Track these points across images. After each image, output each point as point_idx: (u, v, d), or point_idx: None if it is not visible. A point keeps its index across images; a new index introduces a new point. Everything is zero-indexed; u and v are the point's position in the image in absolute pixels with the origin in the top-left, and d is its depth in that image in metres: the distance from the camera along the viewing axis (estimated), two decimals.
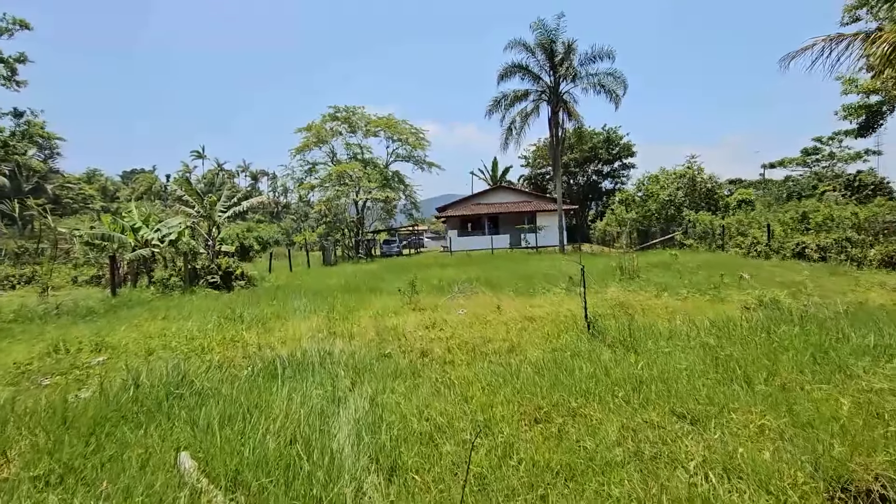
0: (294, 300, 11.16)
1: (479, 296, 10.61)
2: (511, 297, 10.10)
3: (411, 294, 9.95)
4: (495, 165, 55.80)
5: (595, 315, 6.79)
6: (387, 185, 34.04)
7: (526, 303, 9.18)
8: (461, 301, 9.95)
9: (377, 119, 35.04)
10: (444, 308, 9.25)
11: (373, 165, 35.46)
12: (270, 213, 77.62)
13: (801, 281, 10.35)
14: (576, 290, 10.22)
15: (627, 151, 48.51)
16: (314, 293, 12.91)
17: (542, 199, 36.18)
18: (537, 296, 10.30)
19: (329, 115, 34.96)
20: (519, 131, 28.74)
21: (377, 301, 10.58)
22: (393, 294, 11.87)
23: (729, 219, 23.41)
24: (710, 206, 28.37)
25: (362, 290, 12.72)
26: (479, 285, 12.01)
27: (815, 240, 16.67)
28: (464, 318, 7.88)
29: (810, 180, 41.87)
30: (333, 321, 8.36)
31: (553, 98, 27.48)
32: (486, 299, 10.05)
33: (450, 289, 12.35)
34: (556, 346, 5.69)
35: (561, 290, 10.71)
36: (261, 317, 8.85)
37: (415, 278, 11.46)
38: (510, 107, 28.48)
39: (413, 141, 35.77)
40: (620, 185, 48.48)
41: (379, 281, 15.15)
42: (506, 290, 11.46)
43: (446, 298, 10.39)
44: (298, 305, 10.03)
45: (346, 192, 31.53)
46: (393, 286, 13.46)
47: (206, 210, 16.67)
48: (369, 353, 5.75)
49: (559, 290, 10.57)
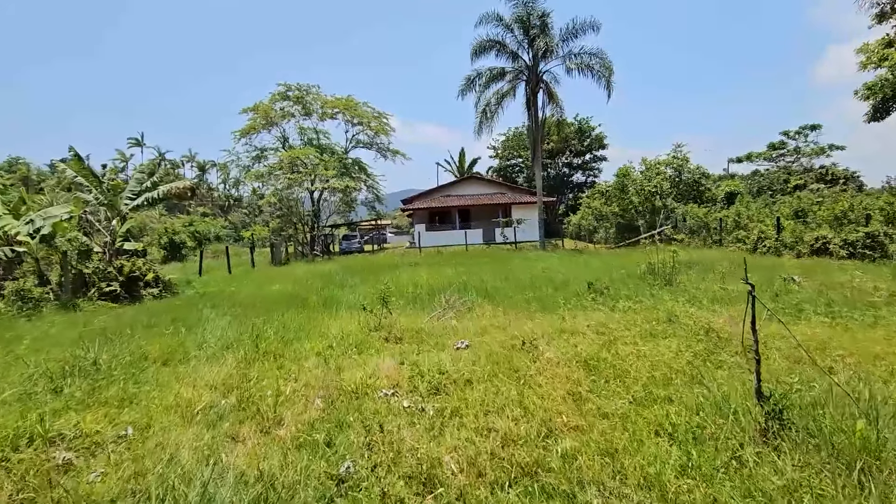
0: (210, 322, 7.77)
1: (477, 312, 7.61)
2: (525, 315, 7.15)
3: (381, 313, 6.80)
4: (462, 156, 53.01)
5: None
6: (346, 173, 30.42)
7: (556, 325, 6.24)
8: (455, 323, 6.91)
9: (334, 100, 31.24)
10: (431, 336, 6.18)
11: (330, 152, 31.69)
12: (220, 206, 71.68)
13: (881, 286, 7.98)
14: (616, 305, 7.40)
15: (599, 143, 46.88)
16: (246, 307, 9.53)
17: (517, 190, 33.60)
18: (558, 311, 7.42)
19: (279, 94, 30.86)
20: (493, 114, 25.92)
21: (332, 322, 7.37)
22: (355, 309, 8.69)
23: (726, 211, 21.50)
24: (696, 199, 26.62)
25: (313, 303, 9.45)
26: (470, 295, 9.00)
27: (840, 234, 14.72)
28: (471, 360, 4.85)
29: (780, 174, 41.48)
30: (254, 368, 5.13)
31: (532, 78, 24.78)
32: (489, 319, 7.06)
33: (431, 300, 9.29)
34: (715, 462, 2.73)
35: (588, 301, 7.86)
36: (131, 362, 5.47)
37: (385, 287, 8.30)
38: (485, 87, 25.57)
39: (376, 126, 32.23)
40: (592, 177, 46.81)
41: (336, 288, 11.87)
42: (508, 302, 8.52)
43: (431, 317, 7.32)
44: (210, 334, 6.68)
45: (299, 181, 27.69)
46: (355, 296, 10.26)
47: (108, 197, 12.79)
48: (304, 491, 2.59)
49: (588, 303, 7.72)
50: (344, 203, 31.40)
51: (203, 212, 59.67)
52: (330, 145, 33.11)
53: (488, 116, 25.84)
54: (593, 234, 34.80)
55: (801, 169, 41.91)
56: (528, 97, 25.09)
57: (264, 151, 31.82)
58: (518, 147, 46.11)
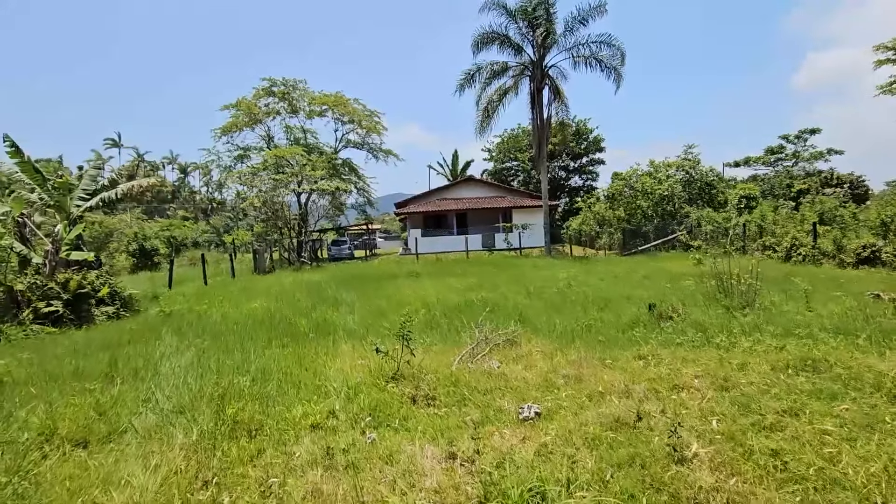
0: (166, 360, 5.81)
1: (523, 348, 5.78)
2: (589, 353, 5.32)
3: (401, 355, 4.89)
4: (455, 159, 51.26)
5: None
6: (335, 174, 28.45)
7: (645, 373, 4.43)
8: (500, 367, 5.07)
9: (323, 96, 29.26)
10: (474, 391, 4.34)
11: (318, 152, 29.67)
12: (203, 209, 68.86)
13: None
14: (710, 339, 5.60)
15: (597, 146, 45.55)
16: (218, 335, 7.56)
17: (517, 193, 31.93)
18: (630, 346, 5.62)
19: (264, 90, 28.79)
20: (494, 112, 24.23)
21: (330, 363, 5.48)
22: (355, 338, 6.80)
23: (747, 216, 20.06)
24: (708, 203, 25.24)
25: (302, 329, 7.53)
26: (505, 322, 7.16)
27: (894, 242, 13.26)
28: (567, 455, 3.01)
29: (782, 179, 40.54)
30: (216, 458, 3.22)
31: (537, 73, 23.16)
32: (545, 361, 5.24)
33: (451, 325, 7.44)
34: None
35: (666, 333, 6.08)
36: (25, 445, 3.52)
37: (404, 318, 6.44)
38: (487, 84, 23.88)
39: (367, 124, 30.32)
40: (591, 181, 45.42)
41: (329, 306, 9.93)
42: (552, 329, 6.71)
43: (462, 356, 5.46)
44: (163, 384, 4.72)
45: (284, 182, 25.61)
46: (353, 319, 8.37)
47: (54, 196, 10.69)
48: None
49: (667, 335, 5.91)
50: (333, 206, 29.38)
51: (183, 215, 57.02)
52: (318, 145, 31.11)
53: (489, 114, 24.16)
54: (595, 239, 33.29)
55: (802, 173, 41.07)
56: (532, 94, 23.46)
57: (247, 151, 29.68)
58: (514, 149, 44.56)
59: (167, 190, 72.73)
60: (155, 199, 69.83)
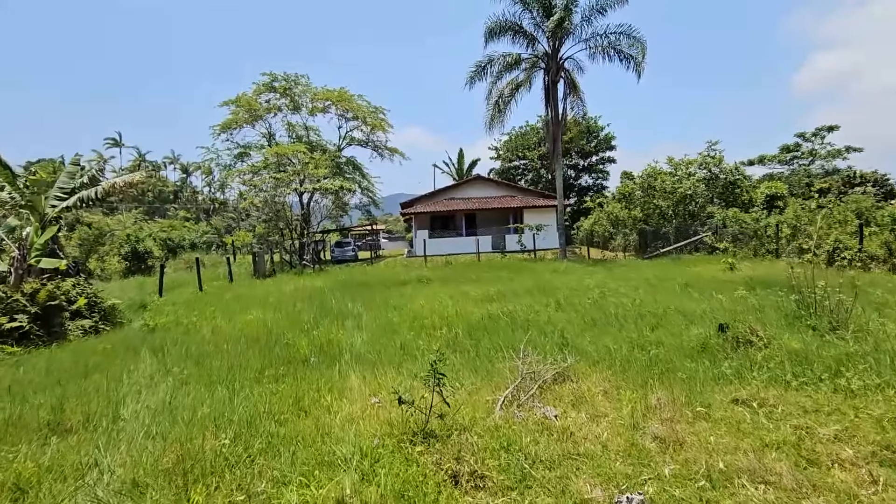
0: (133, 396, 4.64)
1: (581, 386, 4.57)
2: (665, 394, 4.11)
3: (430, 404, 3.67)
4: (461, 158, 50.11)
5: None
6: (339, 173, 27.28)
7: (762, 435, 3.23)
8: (556, 419, 3.86)
9: (326, 92, 28.08)
10: (536, 463, 3.14)
11: (321, 150, 28.50)
12: (205, 210, 67.83)
13: None
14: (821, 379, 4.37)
15: (607, 144, 44.25)
16: (202, 359, 6.40)
17: (528, 192, 30.67)
18: (712, 381, 4.41)
19: (264, 85, 27.63)
20: (506, 107, 23.02)
21: (336, 404, 4.29)
22: (364, 363, 5.63)
23: (779, 217, 18.78)
24: (731, 202, 23.93)
25: (303, 352, 6.33)
26: (539, 344, 5.97)
27: None
28: None
29: (800, 178, 39.13)
30: None
31: (552, 65, 21.93)
32: (616, 410, 4.03)
33: (478, 348, 6.25)
34: None
35: (754, 362, 4.85)
36: None
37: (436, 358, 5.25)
38: (498, 77, 22.67)
39: (372, 121, 29.13)
40: (601, 180, 44.11)
41: (334, 320, 8.73)
42: (605, 356, 5.51)
43: (504, 398, 4.26)
44: (120, 439, 3.53)
45: (286, 181, 24.44)
46: (361, 336, 7.17)
47: (26, 196, 9.54)
48: None
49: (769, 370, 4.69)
50: (337, 206, 28.20)
51: (184, 216, 56.02)
52: (321, 143, 29.95)
53: (501, 109, 22.95)
54: (608, 241, 32.04)
55: (821, 172, 39.66)
56: (546, 87, 22.23)
57: (248, 149, 28.53)
58: (522, 147, 43.29)
59: (168, 190, 71.84)
60: (157, 200, 68.94)
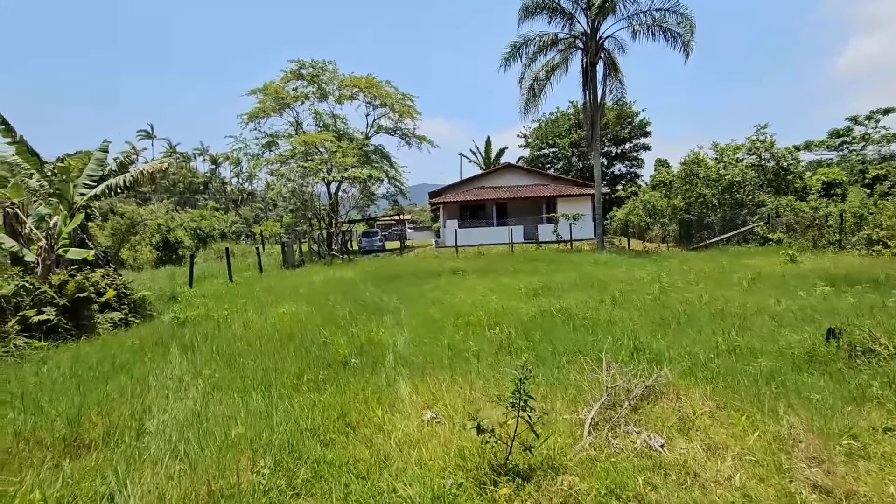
0: (158, 404, 4.11)
1: (682, 405, 3.80)
2: (815, 433, 3.30)
3: (514, 431, 2.99)
4: (488, 146, 49.02)
5: None
6: (366, 162, 26.74)
7: None
8: (676, 454, 3.11)
9: (353, 78, 27.49)
10: None
11: (348, 138, 28.00)
12: (234, 200, 68.77)
13: None
14: None
15: (642, 130, 42.41)
16: (234, 358, 5.88)
17: (561, 181, 29.53)
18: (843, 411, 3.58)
19: (292, 73, 27.22)
20: (541, 90, 21.96)
21: (388, 421, 3.64)
22: (412, 368, 5.01)
23: (841, 205, 17.31)
24: (783, 190, 22.33)
25: (342, 353, 5.72)
26: (608, 349, 5.21)
27: None
28: None
29: (853, 164, 36.61)
30: None
31: (590, 44, 20.72)
32: (737, 440, 3.26)
33: (540, 353, 5.52)
34: None
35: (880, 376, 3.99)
36: None
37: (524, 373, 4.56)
38: (533, 59, 21.60)
39: (400, 108, 28.43)
40: (635, 168, 42.41)
41: (372, 316, 8.12)
42: (700, 367, 4.70)
43: (591, 418, 3.53)
44: (123, 481, 2.97)
45: (314, 170, 24.03)
46: (403, 335, 6.53)
47: (55, 184, 9.23)
48: None
49: None
50: (364, 196, 27.73)
51: (213, 206, 56.82)
52: (348, 131, 29.45)
53: (536, 93, 21.91)
54: (645, 231, 30.66)
55: (877, 157, 37.00)
56: (584, 68, 21.05)
57: (275, 138, 28.25)
58: (553, 134, 41.91)
59: (198, 181, 73.01)
60: (187, 190, 70.19)
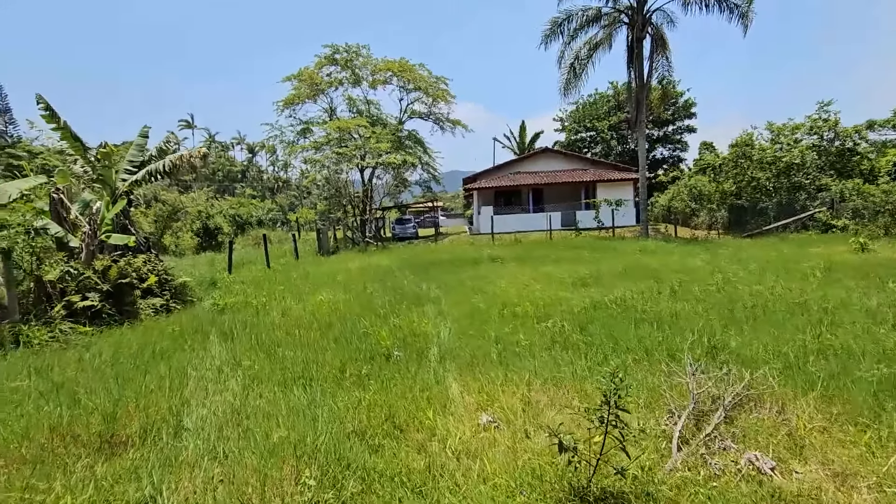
0: (196, 398, 3.89)
1: (790, 417, 3.25)
2: None
3: (601, 448, 2.55)
4: (523, 131, 47.86)
5: None
6: (400, 147, 26.39)
7: None
8: (794, 483, 2.60)
9: (387, 62, 27.08)
10: None
11: (382, 124, 27.70)
12: (269, 188, 70.17)
13: None
14: None
15: (687, 112, 40.31)
16: (274, 348, 5.66)
17: (600, 165, 28.38)
18: None
19: (326, 58, 27.04)
20: (583, 69, 20.94)
21: (441, 424, 3.26)
22: (460, 362, 4.63)
23: None
24: (846, 172, 20.63)
25: (384, 346, 5.39)
26: (674, 344, 4.64)
27: None
28: None
29: None
30: None
31: (637, 18, 19.51)
32: (850, 453, 2.70)
33: (599, 348, 5.02)
34: None
35: None
36: None
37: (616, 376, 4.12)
38: (574, 35, 20.56)
39: (434, 92, 27.87)
40: (679, 151, 40.45)
41: (410, 304, 7.78)
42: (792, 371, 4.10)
43: (679, 430, 3.03)
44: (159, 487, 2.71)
45: (348, 156, 23.90)
46: (446, 326, 6.14)
47: (98, 169, 9.27)
48: None
49: None
50: (398, 181, 27.47)
51: (251, 193, 58.08)
52: (381, 117, 29.15)
53: (577, 73, 20.90)
54: (689, 218, 29.15)
55: None
56: (630, 45, 19.88)
57: (310, 124, 28.27)
58: (591, 117, 40.40)
59: (236, 169, 74.75)
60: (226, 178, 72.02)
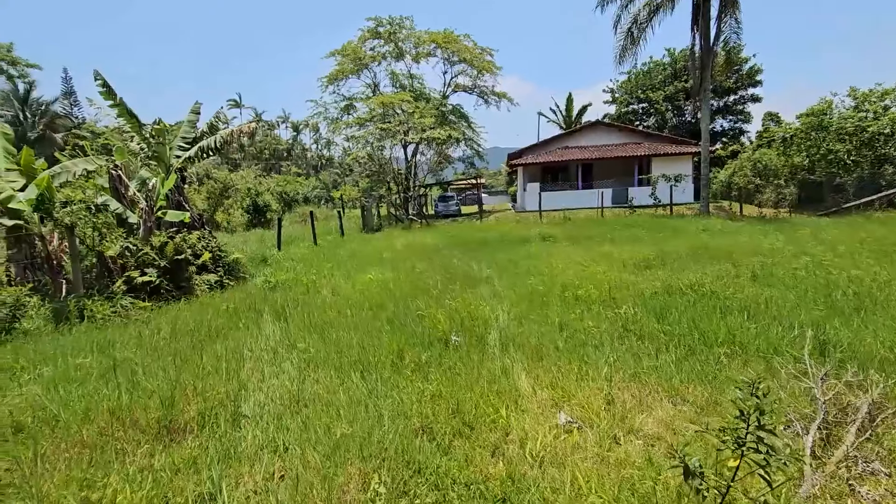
0: (253, 382, 3.73)
1: None
2: None
3: (734, 474, 2.13)
4: (570, 104, 45.82)
5: None
6: (444, 122, 25.78)
7: None
8: None
9: (431, 34, 26.28)
10: None
11: (425, 99, 27.11)
12: (313, 166, 71.41)
13: None
14: None
15: (751, 79, 37.18)
16: (327, 329, 5.49)
17: (656, 138, 26.71)
18: None
19: (369, 32, 26.56)
20: (641, 34, 19.47)
21: (516, 421, 2.91)
22: (524, 351, 4.26)
23: None
24: None
25: (440, 329, 5.09)
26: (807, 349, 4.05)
27: None
28: None
29: None
30: None
31: None
32: None
33: (673, 339, 4.51)
34: None
35: None
36: None
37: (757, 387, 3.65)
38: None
39: (479, 64, 26.90)
40: (741, 123, 37.57)
41: (462, 286, 7.44)
42: None
43: (810, 447, 2.54)
44: (220, 485, 2.51)
45: (391, 132, 23.59)
46: (503, 309, 5.76)
47: (153, 146, 9.37)
48: None
49: None
50: (441, 158, 26.97)
51: (296, 171, 59.28)
52: (425, 91, 28.53)
53: (635, 39, 19.48)
54: (753, 195, 27.08)
55: None
56: (696, 3, 18.23)
57: (353, 100, 28.07)
58: (645, 87, 38.07)
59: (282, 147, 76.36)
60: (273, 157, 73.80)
